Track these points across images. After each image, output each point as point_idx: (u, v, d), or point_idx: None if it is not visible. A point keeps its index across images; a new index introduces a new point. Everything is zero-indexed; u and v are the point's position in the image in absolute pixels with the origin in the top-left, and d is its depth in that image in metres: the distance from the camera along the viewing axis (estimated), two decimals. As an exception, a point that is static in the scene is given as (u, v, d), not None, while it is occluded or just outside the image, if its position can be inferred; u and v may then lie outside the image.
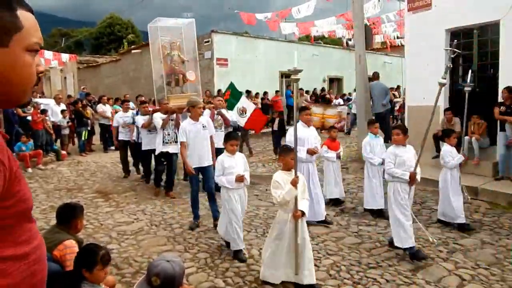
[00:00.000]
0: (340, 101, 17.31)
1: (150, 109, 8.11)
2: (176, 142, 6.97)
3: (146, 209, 6.45)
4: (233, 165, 4.48)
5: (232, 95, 9.40)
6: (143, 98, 10.64)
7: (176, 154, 7.18)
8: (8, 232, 1.02)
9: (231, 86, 9.66)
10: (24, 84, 1.07)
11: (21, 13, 1.04)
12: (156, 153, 7.24)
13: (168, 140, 7.17)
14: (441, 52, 8.25)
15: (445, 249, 4.62)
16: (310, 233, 5.17)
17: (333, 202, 6.45)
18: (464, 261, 4.29)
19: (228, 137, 4.65)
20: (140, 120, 7.73)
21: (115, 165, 10.20)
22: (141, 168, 8.78)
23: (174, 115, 7.23)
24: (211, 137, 5.55)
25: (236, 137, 4.71)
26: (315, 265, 4.27)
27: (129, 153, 9.06)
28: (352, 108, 14.81)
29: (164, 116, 7.17)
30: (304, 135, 5.45)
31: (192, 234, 5.24)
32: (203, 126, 5.42)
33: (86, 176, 9.19)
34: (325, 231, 5.28)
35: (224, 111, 7.60)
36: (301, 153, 5.10)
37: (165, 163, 7.34)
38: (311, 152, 5.54)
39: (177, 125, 7.02)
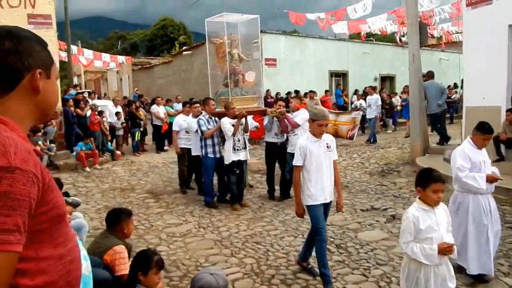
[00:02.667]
0: (362, 102, 15.34)
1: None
2: (245, 148, 6.80)
3: (194, 211, 6.55)
4: (434, 225, 2.79)
5: None
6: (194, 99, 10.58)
7: (246, 161, 6.92)
8: (46, 235, 1.17)
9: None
10: (56, 105, 1.36)
11: None
12: (228, 161, 6.60)
13: (239, 147, 6.65)
14: (503, 49, 7.74)
15: (506, 262, 4.31)
16: (358, 239, 5.05)
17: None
18: (528, 277, 3.99)
19: (429, 178, 2.83)
20: (194, 124, 7.14)
21: (166, 165, 10.48)
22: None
23: (243, 120, 6.72)
24: (333, 162, 4.08)
25: (442, 180, 2.86)
26: (363, 275, 4.15)
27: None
28: (367, 113, 13.70)
29: (233, 121, 6.60)
30: (476, 157, 4.03)
31: (239, 238, 5.26)
32: (327, 146, 3.97)
33: (139, 176, 9.50)
34: (375, 239, 5.11)
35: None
36: (478, 181, 3.89)
37: (237, 171, 6.76)
38: (491, 179, 3.98)
39: (245, 130, 6.83)
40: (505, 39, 7.72)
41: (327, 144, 3.97)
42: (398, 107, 15.90)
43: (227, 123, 6.57)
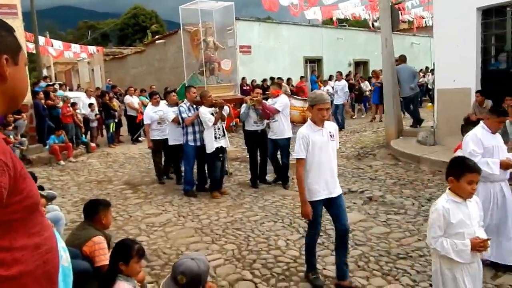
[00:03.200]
0: (329, 88, 15.02)
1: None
2: (225, 135, 6.73)
3: (173, 200, 6.53)
4: (466, 219, 2.59)
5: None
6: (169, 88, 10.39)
7: (225, 148, 6.82)
8: (20, 224, 1.15)
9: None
10: (26, 93, 1.31)
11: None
12: (210, 150, 6.46)
13: (220, 135, 6.58)
14: (472, 32, 7.93)
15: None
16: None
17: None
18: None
19: (465, 167, 2.59)
20: (170, 113, 7.14)
21: (143, 156, 10.36)
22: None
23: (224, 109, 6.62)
24: None
25: (478, 170, 2.63)
26: (343, 256, 4.23)
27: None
28: (334, 99, 13.19)
29: (211, 109, 6.53)
30: (489, 142, 3.81)
31: (219, 226, 5.28)
32: (330, 136, 3.56)
33: (115, 167, 9.37)
34: (353, 221, 5.20)
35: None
36: (491, 167, 3.66)
37: (221, 156, 6.70)
38: (506, 165, 3.76)
39: (223, 118, 6.70)
40: (473, 22, 7.90)
41: (330, 132, 3.54)
42: (367, 93, 15.86)
43: (206, 113, 6.42)
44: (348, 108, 16.34)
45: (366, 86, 16.01)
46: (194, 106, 6.77)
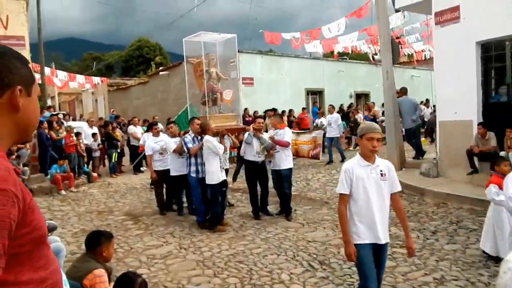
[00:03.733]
0: (323, 120, 14.65)
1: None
2: (226, 166, 6.72)
3: (175, 232, 6.44)
4: None
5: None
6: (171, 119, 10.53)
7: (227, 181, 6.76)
8: (27, 257, 1.13)
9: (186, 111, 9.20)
10: (37, 124, 1.33)
11: None
12: (216, 181, 6.31)
13: (223, 166, 6.61)
14: (472, 65, 8.04)
15: (486, 272, 4.38)
16: (341, 255, 5.06)
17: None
18: (507, 286, 4.05)
19: None
20: (172, 144, 7.23)
21: (144, 187, 10.31)
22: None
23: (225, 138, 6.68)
24: (395, 197, 3.25)
25: None
26: (348, 290, 4.14)
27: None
28: (327, 132, 13.02)
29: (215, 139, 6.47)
30: None
31: (221, 258, 5.18)
32: (381, 174, 3.12)
33: (116, 198, 9.31)
34: (357, 254, 5.12)
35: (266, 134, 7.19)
36: None
37: (224, 189, 6.71)
38: None
39: (225, 149, 6.73)
40: (473, 55, 8.03)
41: (381, 171, 3.12)
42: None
43: (214, 140, 6.34)
44: (344, 140, 16.26)
45: (360, 118, 15.85)
46: (199, 137, 6.77)
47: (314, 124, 15.30)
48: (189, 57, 8.52)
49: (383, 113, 16.78)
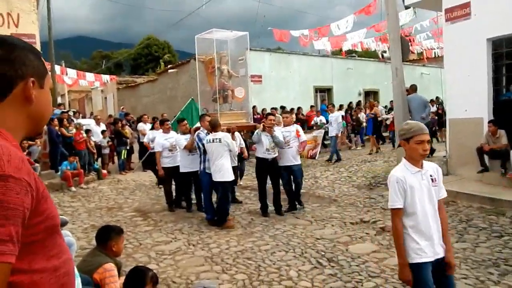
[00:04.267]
0: (322, 118, 14.73)
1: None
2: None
3: (183, 228, 6.48)
4: None
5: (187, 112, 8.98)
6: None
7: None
8: (40, 246, 1.13)
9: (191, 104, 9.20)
10: (49, 116, 1.34)
11: None
12: (230, 179, 6.46)
13: (232, 164, 6.72)
14: (482, 62, 7.96)
15: (496, 271, 4.35)
16: (349, 252, 5.05)
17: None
18: (517, 284, 4.02)
19: None
20: (182, 140, 7.27)
21: (153, 183, 10.37)
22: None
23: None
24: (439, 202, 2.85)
25: None
26: (356, 287, 4.13)
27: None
28: (329, 131, 12.95)
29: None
30: None
31: (230, 255, 5.20)
32: (432, 179, 2.79)
33: (126, 194, 9.39)
34: (366, 251, 5.11)
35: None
36: None
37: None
38: None
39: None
40: (484, 52, 7.95)
41: (431, 176, 2.79)
42: (364, 124, 15.26)
43: (229, 137, 6.44)
44: (345, 140, 16.12)
45: (362, 117, 15.57)
46: (212, 133, 6.75)
47: (313, 122, 15.16)
48: (200, 55, 8.53)
49: (388, 111, 16.68)
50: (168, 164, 7.79)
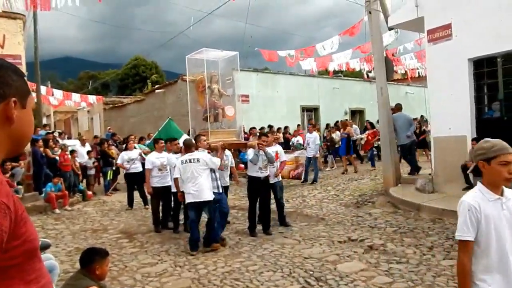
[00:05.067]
0: (299, 139, 14.36)
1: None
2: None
3: (170, 250, 6.38)
4: None
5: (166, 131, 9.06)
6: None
7: None
8: (18, 270, 1.10)
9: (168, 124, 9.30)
10: (30, 137, 1.32)
11: None
12: (211, 198, 6.30)
13: (223, 183, 6.76)
14: (465, 82, 8.15)
15: None
16: (337, 271, 5.02)
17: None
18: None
19: None
20: (174, 160, 7.12)
21: (139, 204, 10.23)
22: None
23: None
24: None
25: None
26: (345, 307, 4.09)
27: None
28: (306, 152, 12.57)
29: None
30: None
31: (217, 276, 5.13)
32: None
33: (111, 216, 9.24)
34: (354, 270, 5.08)
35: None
36: None
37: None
38: None
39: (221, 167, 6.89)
40: (465, 72, 8.15)
41: None
42: (339, 144, 14.69)
43: (208, 156, 6.41)
44: (321, 160, 15.49)
45: (338, 136, 15.02)
46: (210, 153, 6.71)
47: (290, 143, 14.83)
48: (189, 75, 8.59)
49: (364, 130, 16.53)
50: (157, 183, 7.74)
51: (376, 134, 15.13)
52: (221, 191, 6.74)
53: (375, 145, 14.79)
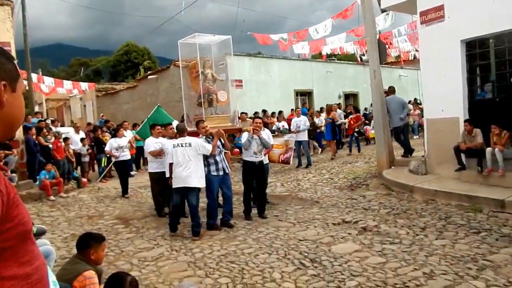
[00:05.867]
0: (284, 124, 14.34)
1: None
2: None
3: (166, 234, 6.42)
4: None
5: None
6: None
7: None
8: (11, 253, 1.11)
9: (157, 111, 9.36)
10: (22, 121, 1.32)
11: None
12: (201, 185, 6.36)
13: (227, 170, 6.70)
14: (457, 63, 8.16)
15: (474, 266, 4.44)
16: (331, 252, 5.09)
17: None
18: (495, 278, 4.12)
19: None
20: (169, 145, 6.92)
21: (135, 191, 10.26)
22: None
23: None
24: None
25: None
26: (339, 287, 4.16)
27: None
28: (296, 136, 12.17)
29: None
30: None
31: (213, 259, 5.18)
32: None
33: (107, 202, 9.26)
34: (348, 251, 5.16)
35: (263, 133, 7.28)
36: None
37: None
38: None
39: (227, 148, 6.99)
40: (458, 53, 8.14)
41: None
42: (322, 128, 14.66)
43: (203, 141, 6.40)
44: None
45: (320, 121, 14.93)
46: (210, 137, 6.61)
47: (275, 127, 14.63)
48: (183, 60, 8.47)
49: (346, 115, 16.26)
50: (156, 169, 7.71)
51: (359, 119, 15.06)
52: (227, 171, 6.68)
53: (356, 129, 14.67)
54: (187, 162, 6.20)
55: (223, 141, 6.80)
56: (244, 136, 7.28)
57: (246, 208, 7.16)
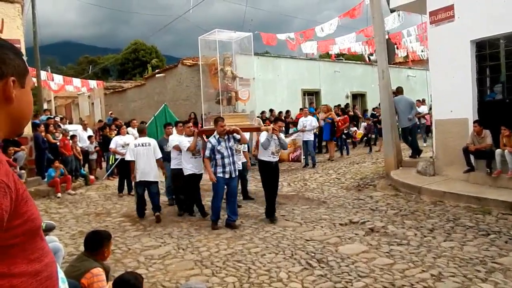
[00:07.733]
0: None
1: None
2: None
3: (173, 232, 6.44)
4: None
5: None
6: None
7: None
8: (20, 249, 1.11)
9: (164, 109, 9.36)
10: (30, 116, 1.31)
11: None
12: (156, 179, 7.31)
13: (238, 167, 6.94)
14: (467, 64, 8.09)
15: (483, 268, 4.40)
16: (338, 253, 5.08)
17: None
18: (504, 281, 4.08)
19: None
20: (186, 142, 7.22)
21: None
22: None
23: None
24: None
25: None
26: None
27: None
28: (303, 136, 12.28)
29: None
30: None
31: (220, 258, 5.19)
32: None
33: (114, 200, 9.30)
34: (355, 252, 5.13)
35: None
36: None
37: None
38: None
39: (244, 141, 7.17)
40: (468, 54, 8.07)
41: None
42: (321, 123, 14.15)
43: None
44: None
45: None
46: (226, 137, 6.62)
47: (291, 131, 14.51)
48: (202, 57, 8.36)
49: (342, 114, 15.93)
50: (176, 166, 7.62)
51: (347, 121, 14.75)
52: (233, 175, 6.66)
53: (345, 131, 14.40)
54: (148, 159, 7.25)
55: (238, 137, 6.75)
56: (263, 136, 7.21)
57: (270, 209, 6.93)
